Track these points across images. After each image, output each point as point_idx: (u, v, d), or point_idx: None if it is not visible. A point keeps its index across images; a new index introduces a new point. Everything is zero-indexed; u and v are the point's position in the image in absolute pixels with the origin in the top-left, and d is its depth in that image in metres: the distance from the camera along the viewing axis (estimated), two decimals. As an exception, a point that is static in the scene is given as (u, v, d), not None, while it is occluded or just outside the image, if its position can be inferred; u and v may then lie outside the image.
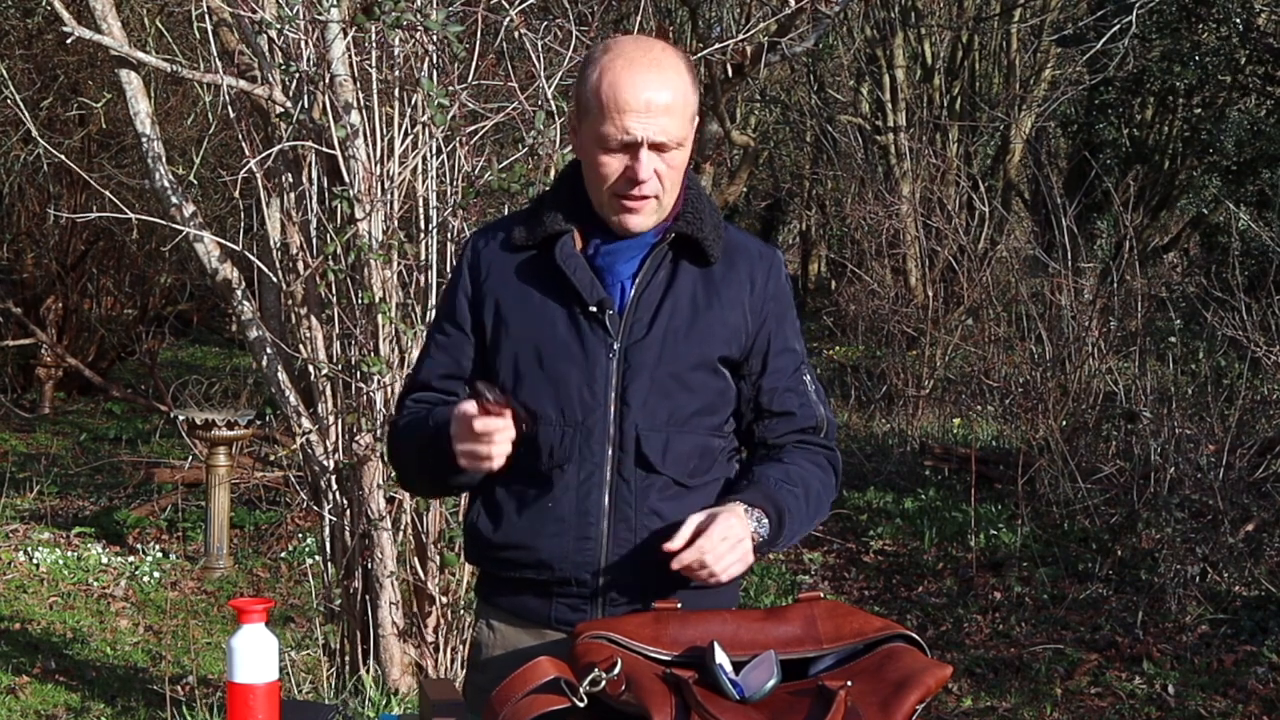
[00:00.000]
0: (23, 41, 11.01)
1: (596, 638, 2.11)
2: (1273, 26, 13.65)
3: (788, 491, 2.30)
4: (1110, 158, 14.11)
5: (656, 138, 2.24)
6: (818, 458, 2.39)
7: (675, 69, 2.27)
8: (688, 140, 2.29)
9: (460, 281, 2.40)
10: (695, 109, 2.32)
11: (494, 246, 2.39)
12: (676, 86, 2.26)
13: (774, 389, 2.37)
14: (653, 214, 2.31)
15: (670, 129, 2.24)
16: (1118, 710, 5.58)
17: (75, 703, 5.56)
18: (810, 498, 2.34)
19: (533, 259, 2.35)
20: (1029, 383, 9.11)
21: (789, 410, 2.38)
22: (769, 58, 9.36)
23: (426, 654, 4.80)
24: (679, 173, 2.30)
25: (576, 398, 2.28)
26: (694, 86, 2.31)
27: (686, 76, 2.29)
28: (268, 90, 4.75)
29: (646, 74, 2.24)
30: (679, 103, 2.26)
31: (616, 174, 2.26)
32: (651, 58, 2.26)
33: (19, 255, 12.49)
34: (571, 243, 2.33)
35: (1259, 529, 6.86)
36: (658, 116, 2.23)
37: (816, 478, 2.37)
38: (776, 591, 7.14)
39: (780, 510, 2.27)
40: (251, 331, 4.93)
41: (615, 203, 2.29)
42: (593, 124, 2.26)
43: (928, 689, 2.05)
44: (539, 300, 2.32)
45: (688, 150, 2.31)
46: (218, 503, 7.43)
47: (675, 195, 2.32)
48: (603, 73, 2.25)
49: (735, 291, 2.34)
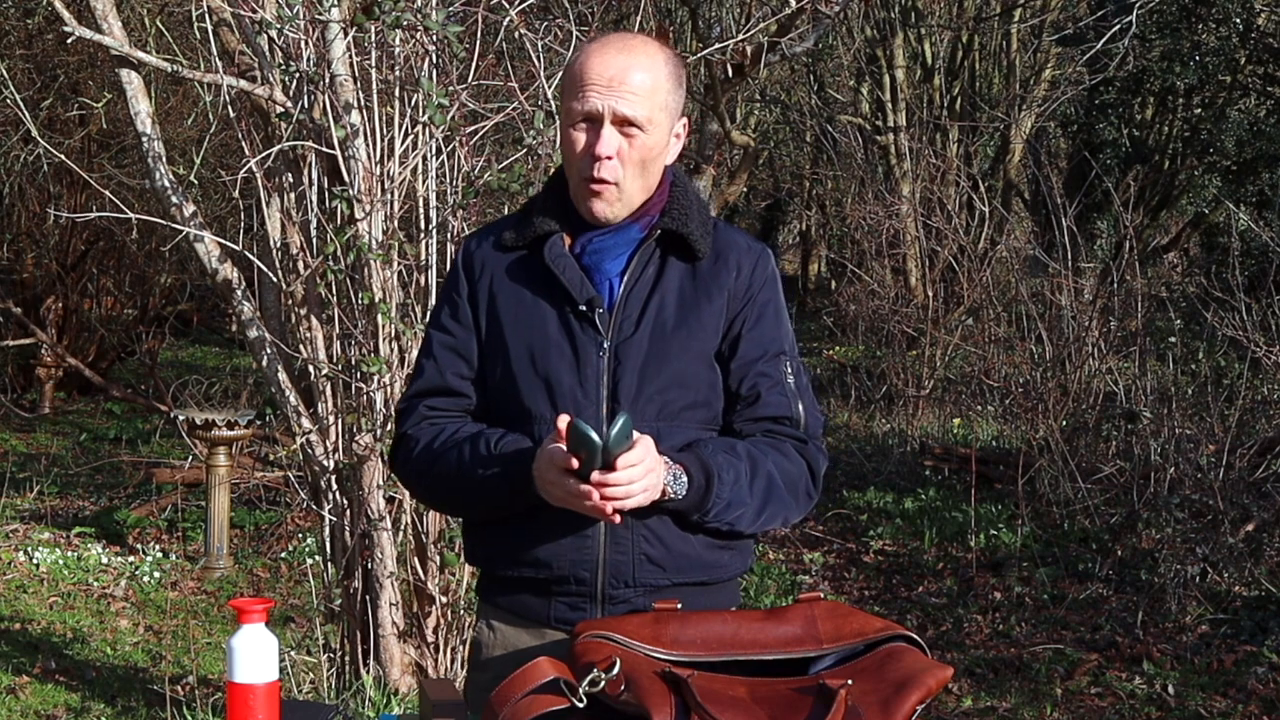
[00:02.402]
0: (23, 41, 11.01)
1: (596, 637, 2.11)
2: (1273, 26, 13.66)
3: (726, 462, 2.24)
4: (1110, 158, 14.11)
5: (619, 109, 2.24)
6: (784, 446, 2.32)
7: (649, 56, 2.28)
8: (657, 128, 2.28)
9: (457, 283, 2.40)
10: (672, 104, 2.30)
11: (487, 248, 2.39)
12: (646, 69, 2.26)
13: (744, 372, 2.33)
14: (616, 202, 2.30)
15: (635, 106, 2.24)
16: (1118, 710, 5.58)
17: (75, 703, 5.56)
18: (758, 479, 2.26)
19: (524, 260, 2.35)
20: (1029, 383, 9.12)
21: (756, 393, 2.32)
22: (769, 58, 9.36)
23: (426, 654, 4.80)
24: (644, 162, 2.29)
25: (569, 396, 2.28)
26: (672, 81, 2.30)
27: (663, 69, 2.28)
28: (268, 90, 4.75)
29: (617, 54, 2.26)
30: (647, 85, 2.26)
31: (581, 147, 2.27)
32: (627, 42, 2.29)
33: (19, 255, 12.49)
34: (561, 243, 2.33)
35: (1259, 529, 6.86)
36: (622, 91, 2.24)
37: (776, 464, 2.29)
38: (776, 591, 7.14)
39: (709, 475, 2.21)
40: (251, 331, 4.93)
41: (583, 187, 2.30)
42: (565, 101, 2.30)
43: (928, 689, 2.05)
44: (531, 300, 2.33)
45: (658, 138, 2.29)
46: (218, 503, 7.43)
47: (642, 186, 2.31)
48: (579, 55, 2.30)
49: (721, 279, 2.33)
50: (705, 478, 2.21)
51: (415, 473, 2.39)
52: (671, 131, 2.33)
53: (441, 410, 2.38)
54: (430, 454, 2.33)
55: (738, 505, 2.25)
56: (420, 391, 2.40)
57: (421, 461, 2.35)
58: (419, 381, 2.41)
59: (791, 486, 2.31)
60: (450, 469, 2.30)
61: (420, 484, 2.43)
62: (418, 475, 2.39)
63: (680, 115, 2.35)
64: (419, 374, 2.42)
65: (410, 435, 2.38)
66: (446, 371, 2.38)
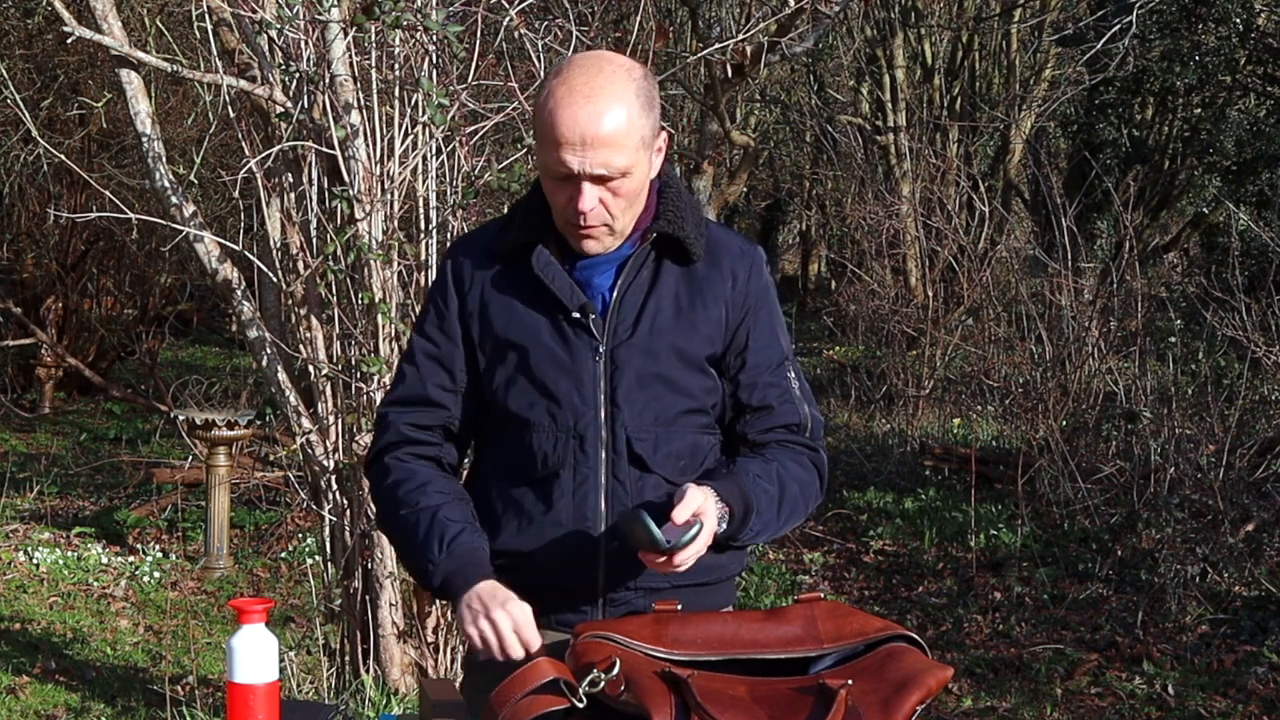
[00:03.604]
0: (23, 41, 11.00)
1: (596, 637, 2.11)
2: (1273, 26, 13.65)
3: (763, 490, 2.27)
4: (1110, 158, 14.11)
5: (594, 170, 2.19)
6: (801, 458, 2.35)
7: (617, 96, 2.18)
8: (636, 167, 2.23)
9: (445, 293, 2.37)
10: (647, 133, 2.23)
11: (473, 257, 2.37)
12: (617, 115, 2.18)
13: (753, 384, 2.34)
14: (606, 237, 2.28)
15: (611, 160, 2.19)
16: (1118, 710, 5.58)
17: (75, 703, 5.56)
18: (785, 499, 2.31)
19: (511, 269, 2.33)
20: (1029, 383, 9.12)
21: (768, 404, 2.34)
22: (769, 58, 9.35)
23: (426, 654, 4.80)
24: (630, 198, 2.25)
25: (567, 403, 2.28)
26: (643, 109, 2.22)
27: (633, 102, 2.20)
28: (268, 90, 4.75)
29: (584, 105, 2.17)
30: (620, 131, 2.18)
31: (564, 203, 2.24)
32: (593, 85, 2.18)
33: (19, 255, 12.48)
34: (547, 251, 2.31)
35: (1259, 529, 6.86)
36: (596, 150, 2.17)
37: (797, 479, 2.33)
38: (776, 591, 7.14)
39: (749, 508, 2.25)
40: (251, 331, 4.93)
41: (570, 230, 2.28)
42: (540, 152, 2.24)
43: (929, 690, 2.05)
44: (522, 309, 2.31)
45: (640, 176, 2.25)
46: (218, 503, 7.42)
47: (632, 216, 2.29)
48: (547, 99, 2.20)
49: (717, 288, 2.32)
50: (745, 513, 2.25)
51: (378, 506, 2.44)
52: (651, 153, 2.28)
53: (420, 427, 2.36)
54: (393, 502, 2.35)
55: (766, 533, 2.31)
56: (400, 399, 2.38)
57: (385, 504, 2.38)
58: (400, 388, 2.39)
59: (807, 498, 2.37)
60: (402, 534, 2.33)
61: (380, 519, 2.46)
62: (379, 512, 2.44)
63: (659, 132, 2.29)
64: (400, 379, 2.40)
65: (385, 464, 2.38)
66: (428, 381, 2.36)
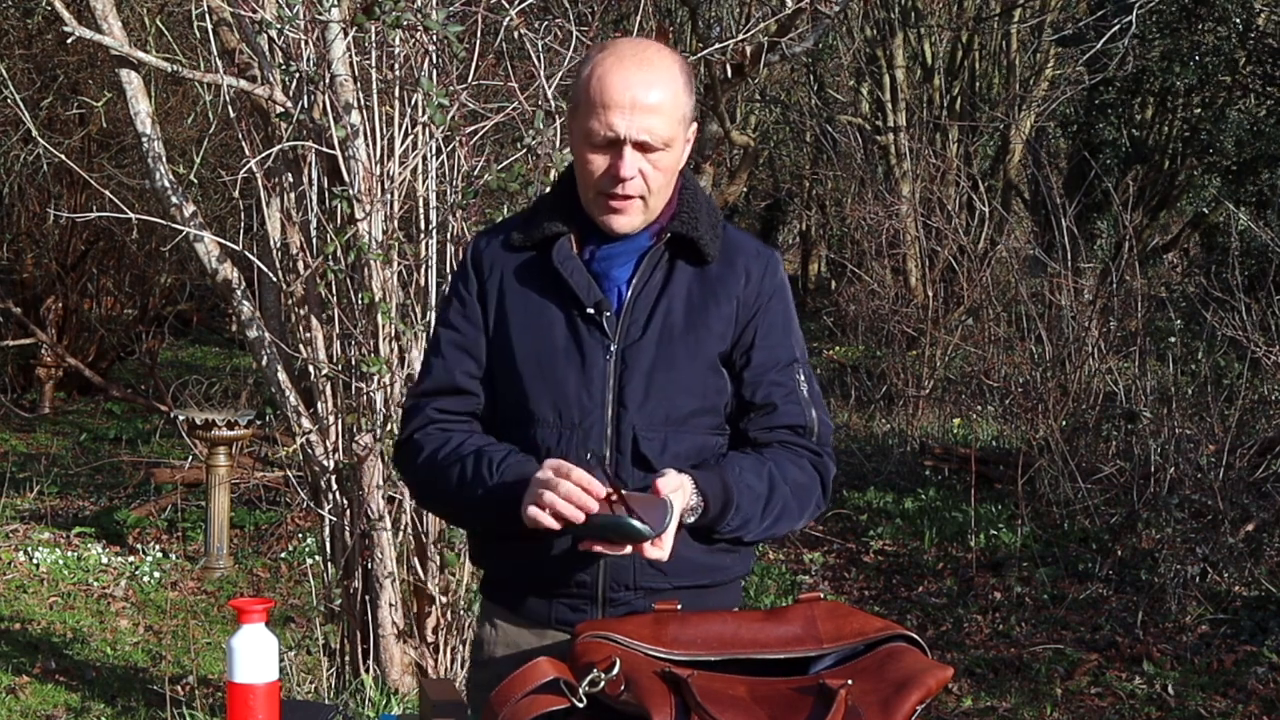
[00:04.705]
0: (23, 41, 11.00)
1: (596, 637, 2.11)
2: (1273, 26, 13.65)
3: (747, 486, 2.25)
4: (1110, 158, 14.11)
5: (639, 136, 2.22)
6: (802, 461, 2.33)
7: (667, 70, 2.25)
8: (676, 142, 2.26)
9: (467, 280, 2.38)
10: (687, 113, 2.29)
11: (495, 248, 2.37)
12: (666, 86, 2.23)
13: (759, 381, 2.33)
14: (638, 214, 2.29)
15: (656, 128, 2.22)
16: (1118, 710, 5.58)
17: (75, 703, 5.56)
18: (774, 499, 2.28)
19: (531, 261, 2.34)
20: (1029, 383, 9.12)
21: (771, 402, 2.33)
22: (769, 58, 9.36)
23: (426, 654, 4.80)
24: (667, 175, 2.28)
25: (574, 399, 2.27)
26: (687, 90, 2.27)
27: (679, 79, 2.26)
28: (268, 90, 4.75)
29: (636, 72, 2.22)
30: (667, 103, 2.23)
31: (601, 170, 2.25)
32: (643, 57, 2.24)
33: (19, 255, 12.49)
34: (568, 245, 2.31)
35: (1259, 529, 6.86)
36: (643, 115, 2.21)
37: (791, 481, 2.30)
38: (776, 591, 7.14)
39: (729, 501, 2.23)
40: (251, 331, 4.93)
41: (600, 201, 2.28)
42: (581, 120, 2.25)
43: (929, 690, 2.05)
44: (538, 302, 2.31)
45: (677, 153, 2.28)
46: (218, 503, 7.43)
47: (664, 198, 2.30)
48: (594, 69, 2.24)
49: (731, 285, 2.32)
50: (723, 505, 2.23)
51: (418, 482, 2.40)
52: (686, 135, 2.31)
53: (450, 412, 2.36)
54: (433, 465, 2.32)
55: (748, 527, 2.28)
56: (429, 390, 2.38)
57: (424, 471, 2.34)
58: (428, 380, 2.39)
59: (803, 501, 2.34)
60: (450, 485, 2.29)
61: (422, 494, 2.45)
62: (420, 485, 2.40)
63: (692, 120, 2.32)
64: (427, 371, 2.40)
65: (416, 441, 2.36)
66: (455, 370, 2.36)
